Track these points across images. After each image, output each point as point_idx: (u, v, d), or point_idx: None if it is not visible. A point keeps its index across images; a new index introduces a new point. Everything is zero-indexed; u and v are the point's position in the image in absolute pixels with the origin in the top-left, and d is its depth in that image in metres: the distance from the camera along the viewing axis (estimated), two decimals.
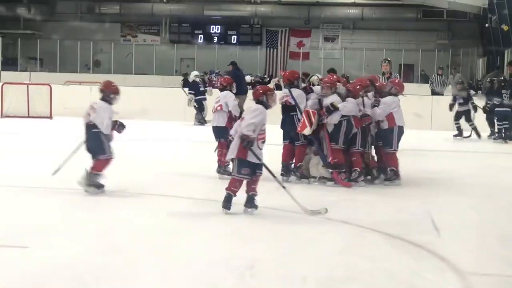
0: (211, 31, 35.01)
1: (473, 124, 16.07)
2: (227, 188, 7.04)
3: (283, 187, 7.18)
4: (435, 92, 20.94)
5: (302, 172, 9.32)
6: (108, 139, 8.23)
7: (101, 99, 8.31)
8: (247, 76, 11.85)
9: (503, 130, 15.67)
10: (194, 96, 18.76)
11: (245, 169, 6.99)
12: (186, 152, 12.87)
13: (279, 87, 9.48)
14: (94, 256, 5.43)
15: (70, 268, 5.11)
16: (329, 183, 9.04)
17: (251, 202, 7.10)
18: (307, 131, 8.98)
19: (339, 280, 5.01)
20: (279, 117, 9.48)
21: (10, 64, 31.80)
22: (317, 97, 9.26)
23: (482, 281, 5.13)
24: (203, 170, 9.90)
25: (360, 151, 9.14)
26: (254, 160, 6.99)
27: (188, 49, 33.78)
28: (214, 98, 10.52)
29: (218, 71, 29.61)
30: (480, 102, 16.38)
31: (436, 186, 9.45)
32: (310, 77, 9.89)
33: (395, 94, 9.39)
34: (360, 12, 33.91)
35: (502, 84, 16.06)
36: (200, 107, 18.73)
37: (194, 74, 19.44)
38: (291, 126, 9.31)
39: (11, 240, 5.92)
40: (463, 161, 12.67)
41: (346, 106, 8.99)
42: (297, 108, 9.22)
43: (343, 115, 8.97)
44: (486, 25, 27.68)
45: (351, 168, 9.10)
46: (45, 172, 8.58)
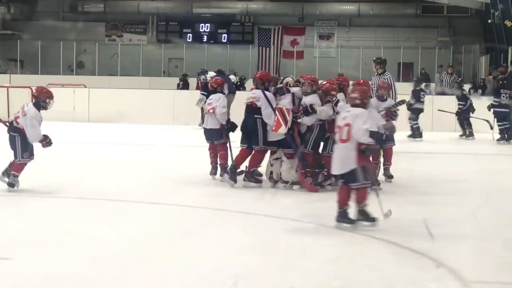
0: (200, 30, 34.97)
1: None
2: (359, 202, 6.92)
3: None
4: (445, 93, 20.88)
5: (256, 177, 9.34)
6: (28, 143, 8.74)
7: (35, 105, 8.77)
8: (231, 76, 11.95)
9: (505, 131, 15.82)
10: (206, 98, 18.72)
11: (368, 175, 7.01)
12: (175, 157, 12.89)
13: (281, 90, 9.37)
14: (81, 268, 5.43)
15: (56, 281, 5.12)
16: (295, 187, 9.06)
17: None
18: (283, 130, 8.94)
19: None
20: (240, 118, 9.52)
21: None
22: (297, 97, 9.15)
23: None
24: (194, 176, 9.92)
25: (330, 155, 9.07)
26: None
27: (177, 49, 33.73)
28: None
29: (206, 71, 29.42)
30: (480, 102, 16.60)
31: (436, 190, 9.48)
32: (284, 79, 9.73)
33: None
34: (357, 9, 33.92)
35: (501, 83, 16.20)
36: None
37: (211, 75, 19.40)
38: (253, 129, 9.26)
39: None
40: (464, 164, 12.71)
41: (325, 111, 8.93)
42: (273, 110, 9.14)
43: (319, 119, 8.98)
44: (489, 21, 27.68)
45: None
46: (28, 179, 8.58)
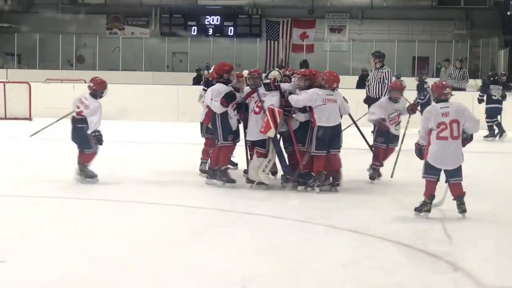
0: (206, 23, 34.90)
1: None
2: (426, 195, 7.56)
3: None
4: (455, 88, 20.90)
5: (228, 175, 9.31)
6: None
7: (93, 96, 9.12)
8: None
9: (494, 127, 16.26)
10: None
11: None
12: (179, 155, 12.89)
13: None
14: (80, 271, 5.44)
15: (54, 284, 5.13)
16: (300, 187, 8.93)
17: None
18: (272, 133, 8.86)
19: None
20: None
21: None
22: (288, 92, 9.08)
23: None
24: (200, 176, 9.92)
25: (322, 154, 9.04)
26: None
27: (181, 42, 33.71)
28: None
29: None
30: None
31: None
32: (269, 73, 9.53)
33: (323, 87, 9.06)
34: (369, 0, 33.86)
35: (492, 80, 16.72)
36: None
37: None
38: (213, 126, 9.31)
39: None
40: (482, 162, 12.66)
41: (345, 108, 9.19)
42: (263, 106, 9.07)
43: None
44: (508, 13, 27.67)
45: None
46: (24, 181, 8.59)
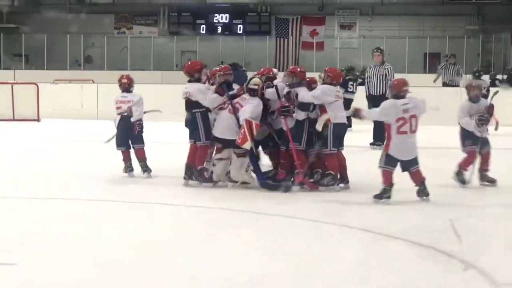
0: (215, 21, 34.96)
1: None
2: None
3: None
4: (446, 84, 20.86)
5: (204, 175, 9.32)
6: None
7: (127, 91, 10.01)
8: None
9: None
10: None
11: None
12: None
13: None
14: (89, 273, 5.44)
15: (57, 284, 5.15)
16: (295, 187, 8.90)
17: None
18: (248, 145, 8.90)
19: None
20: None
21: None
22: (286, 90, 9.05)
23: None
24: None
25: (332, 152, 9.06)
26: None
27: (190, 41, 33.76)
28: None
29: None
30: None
31: (465, 189, 9.44)
32: (250, 80, 9.35)
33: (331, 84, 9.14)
34: None
35: (477, 75, 17.33)
36: None
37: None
38: (193, 125, 9.36)
39: None
40: (495, 159, 12.60)
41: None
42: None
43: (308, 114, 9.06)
44: None
45: (313, 171, 9.16)
46: (32, 183, 8.60)
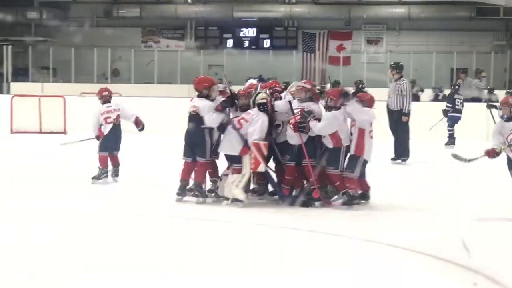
0: (242, 35, 35.10)
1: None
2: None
3: None
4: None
5: (199, 190, 9.35)
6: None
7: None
8: (251, 80, 12.04)
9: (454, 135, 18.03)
10: None
11: None
12: None
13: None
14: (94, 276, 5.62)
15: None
16: (240, 204, 9.03)
17: None
18: (262, 168, 8.98)
19: None
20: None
21: (21, 75, 31.99)
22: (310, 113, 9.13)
23: None
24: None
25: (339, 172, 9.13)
26: None
27: (216, 55, 33.83)
28: None
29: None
30: None
31: (470, 196, 9.62)
32: (256, 96, 9.47)
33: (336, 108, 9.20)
34: (407, 11, 33.79)
35: (456, 88, 18.80)
36: None
37: (250, 83, 19.40)
38: (198, 140, 9.33)
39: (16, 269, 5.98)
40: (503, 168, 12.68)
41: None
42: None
43: None
44: None
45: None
46: (50, 190, 8.70)
